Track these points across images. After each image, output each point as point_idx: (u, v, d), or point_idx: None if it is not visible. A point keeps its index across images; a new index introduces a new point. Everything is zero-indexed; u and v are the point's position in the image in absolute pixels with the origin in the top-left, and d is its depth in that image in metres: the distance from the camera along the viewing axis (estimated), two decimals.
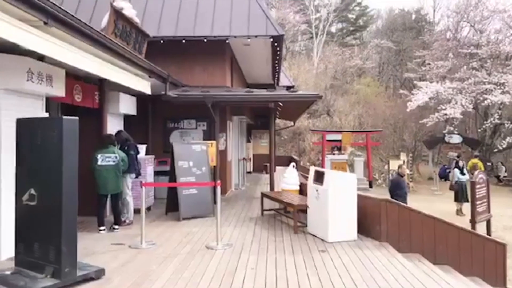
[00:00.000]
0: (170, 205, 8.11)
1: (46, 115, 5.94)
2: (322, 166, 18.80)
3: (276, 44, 10.92)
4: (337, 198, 6.25)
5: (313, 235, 6.58)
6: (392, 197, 8.64)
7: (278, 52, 11.80)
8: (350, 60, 37.48)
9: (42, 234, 4.21)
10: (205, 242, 6.08)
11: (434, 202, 15.47)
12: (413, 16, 41.10)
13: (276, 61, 13.04)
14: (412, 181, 20.24)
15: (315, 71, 35.70)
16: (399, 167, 9.67)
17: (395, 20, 41.07)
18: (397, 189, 9.12)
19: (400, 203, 6.80)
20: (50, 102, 6.28)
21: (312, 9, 41.88)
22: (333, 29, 45.12)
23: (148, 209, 8.33)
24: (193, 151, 8.28)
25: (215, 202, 6.59)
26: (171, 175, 8.06)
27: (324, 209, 6.28)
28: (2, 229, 4.95)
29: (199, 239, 6.29)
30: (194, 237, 6.42)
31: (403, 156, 20.89)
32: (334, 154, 20.71)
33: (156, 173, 9.35)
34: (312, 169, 7.02)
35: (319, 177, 6.60)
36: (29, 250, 4.28)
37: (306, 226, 6.87)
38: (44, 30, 4.36)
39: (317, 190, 6.55)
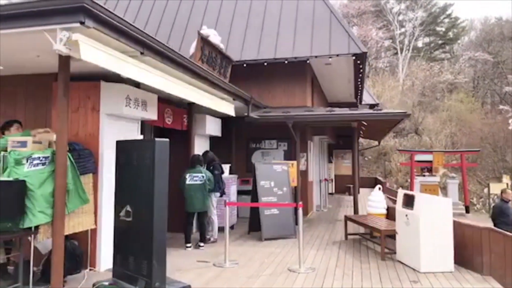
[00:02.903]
0: (253, 225, 8.20)
1: (141, 137, 6.44)
2: (411, 189, 17.58)
3: (358, 61, 10.67)
4: (429, 224, 5.75)
5: (402, 263, 6.11)
6: (495, 225, 7.72)
7: (361, 70, 11.50)
8: (440, 75, 35.12)
9: (136, 248, 4.48)
10: (287, 265, 5.98)
11: None
12: None
13: (359, 79, 12.71)
14: None
15: (400, 88, 34.08)
16: (503, 191, 8.61)
17: (492, 30, 37.72)
18: (501, 216, 8.12)
19: (507, 232, 6.01)
20: (144, 125, 6.81)
21: (396, 24, 40.40)
22: (419, 44, 42.82)
23: (232, 227, 8.50)
24: (274, 171, 8.34)
25: (296, 223, 6.49)
26: (253, 194, 8.18)
27: (415, 236, 5.82)
28: (102, 242, 5.42)
29: (281, 261, 6.21)
30: (276, 259, 6.35)
31: (506, 179, 18.66)
32: (424, 175, 19.24)
33: (239, 192, 9.57)
34: (401, 192, 6.58)
35: (408, 201, 6.16)
36: (125, 262, 4.58)
37: (395, 253, 6.41)
38: (140, 59, 4.77)
39: (406, 215, 6.10)
